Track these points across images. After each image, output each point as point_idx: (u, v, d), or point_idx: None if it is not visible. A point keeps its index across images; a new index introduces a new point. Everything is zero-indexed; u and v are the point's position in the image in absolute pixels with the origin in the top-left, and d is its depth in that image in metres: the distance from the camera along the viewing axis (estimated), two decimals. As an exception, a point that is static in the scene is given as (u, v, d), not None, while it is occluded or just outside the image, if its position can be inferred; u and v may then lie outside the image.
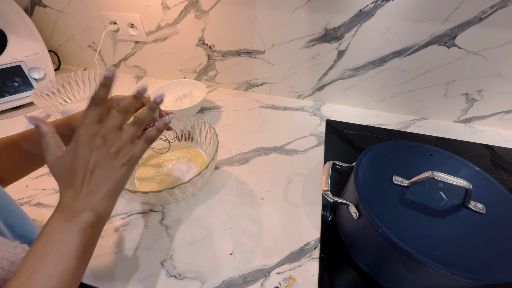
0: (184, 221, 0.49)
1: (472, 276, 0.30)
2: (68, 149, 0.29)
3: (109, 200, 0.29)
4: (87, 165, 0.28)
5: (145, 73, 0.94)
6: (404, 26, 0.61)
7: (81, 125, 0.29)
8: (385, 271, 0.39)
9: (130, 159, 0.30)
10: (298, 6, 0.64)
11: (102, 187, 0.29)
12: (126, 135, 0.30)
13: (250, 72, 0.82)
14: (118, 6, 0.77)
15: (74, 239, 0.26)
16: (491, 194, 0.39)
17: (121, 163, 0.30)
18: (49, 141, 0.29)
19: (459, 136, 0.71)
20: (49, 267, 0.24)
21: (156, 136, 0.33)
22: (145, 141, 0.32)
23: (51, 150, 0.29)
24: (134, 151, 0.31)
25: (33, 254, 0.25)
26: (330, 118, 0.76)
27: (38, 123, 0.29)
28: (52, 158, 0.29)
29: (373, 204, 0.37)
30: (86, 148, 0.28)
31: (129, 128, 0.31)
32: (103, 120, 0.29)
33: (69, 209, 0.27)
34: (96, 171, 0.28)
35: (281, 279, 0.41)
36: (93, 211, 0.28)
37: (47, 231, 0.26)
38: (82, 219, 0.27)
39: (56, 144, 0.29)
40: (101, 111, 0.30)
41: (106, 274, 0.41)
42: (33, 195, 0.53)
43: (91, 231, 0.28)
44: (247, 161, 0.61)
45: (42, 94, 0.69)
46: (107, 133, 0.29)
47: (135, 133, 0.31)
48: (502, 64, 0.62)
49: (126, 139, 0.30)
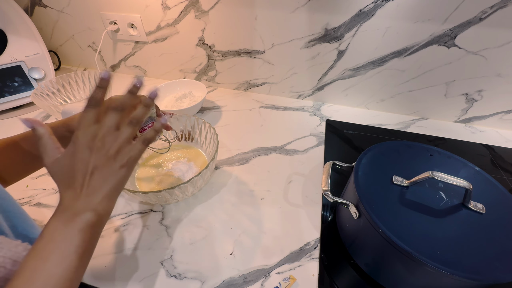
0: (184, 221, 0.49)
1: (472, 276, 0.30)
2: (67, 151, 0.29)
3: (109, 200, 0.29)
4: (86, 167, 0.28)
5: (145, 73, 0.94)
6: (404, 26, 0.61)
7: (79, 127, 0.29)
8: (385, 271, 0.39)
9: (128, 160, 0.30)
10: (298, 6, 0.64)
11: (102, 188, 0.29)
12: (123, 136, 0.30)
13: (250, 72, 0.82)
14: (118, 6, 0.77)
15: (75, 239, 0.26)
16: (491, 194, 0.39)
17: (120, 165, 0.30)
18: (46, 143, 0.29)
19: (459, 136, 0.71)
20: (50, 266, 0.25)
21: (154, 137, 0.33)
22: (143, 143, 0.32)
23: (49, 152, 0.28)
24: (132, 153, 0.30)
25: (34, 254, 0.25)
26: (330, 118, 0.76)
27: (34, 125, 0.29)
28: (50, 160, 0.28)
29: (373, 204, 0.37)
30: (84, 150, 0.28)
31: (126, 128, 0.31)
32: (100, 121, 0.29)
33: (69, 210, 0.27)
34: (96, 173, 0.28)
35: (281, 279, 0.41)
36: (93, 211, 0.28)
37: (48, 231, 0.26)
38: (82, 219, 0.27)
39: (54, 146, 0.29)
40: (98, 112, 0.29)
41: (106, 274, 0.41)
42: (33, 195, 0.53)
43: (92, 231, 0.28)
44: (247, 161, 0.61)
45: (42, 94, 0.69)
46: (104, 134, 0.29)
47: (132, 133, 0.31)
48: (502, 64, 0.62)
49: (123, 140, 0.30)
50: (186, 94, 0.76)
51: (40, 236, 0.26)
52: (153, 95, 0.32)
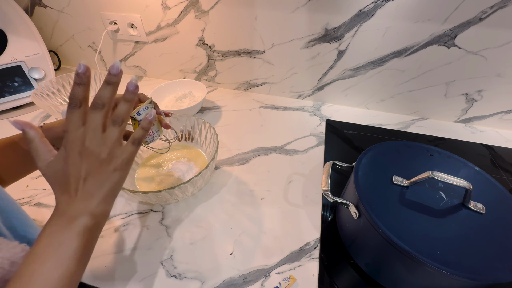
0: (184, 221, 0.49)
1: (472, 276, 0.30)
2: (59, 155, 0.28)
3: (105, 204, 0.29)
4: (79, 173, 0.27)
5: (145, 73, 0.94)
6: (404, 26, 0.61)
7: (66, 130, 0.27)
8: (385, 271, 0.39)
9: (121, 163, 0.29)
10: (298, 6, 0.64)
11: (98, 192, 0.28)
12: (111, 138, 0.29)
13: (250, 72, 0.82)
14: (118, 6, 0.77)
15: (73, 242, 0.26)
16: (491, 194, 0.39)
17: (113, 168, 0.29)
18: (37, 147, 0.27)
19: (459, 136, 0.71)
20: (48, 270, 0.25)
21: (142, 136, 0.32)
22: (133, 143, 0.31)
23: (41, 156, 0.27)
24: (124, 155, 0.30)
25: (32, 257, 0.25)
26: (330, 118, 0.76)
27: (24, 128, 0.27)
28: (43, 164, 0.28)
29: (373, 204, 0.37)
30: (75, 156, 0.27)
31: (111, 129, 0.29)
32: (85, 123, 0.28)
33: (66, 214, 0.27)
34: (89, 178, 0.28)
35: (281, 279, 0.41)
36: (90, 215, 0.28)
37: (46, 235, 0.26)
38: (80, 223, 0.27)
39: (46, 149, 0.28)
40: (83, 113, 0.27)
41: (106, 274, 0.41)
42: (33, 195, 0.53)
43: (89, 235, 0.28)
44: (247, 161, 0.61)
45: (42, 94, 0.69)
46: (91, 138, 0.28)
47: (119, 134, 0.29)
48: (502, 64, 0.62)
49: (112, 142, 0.29)
50: (186, 94, 0.76)
51: (38, 239, 0.26)
52: (132, 86, 0.30)
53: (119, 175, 0.30)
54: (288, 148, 0.65)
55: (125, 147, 0.30)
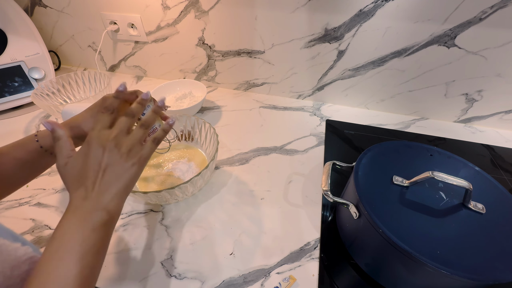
0: (184, 221, 0.49)
1: (472, 276, 0.30)
2: (80, 151, 0.30)
3: (119, 199, 0.30)
4: (100, 165, 0.29)
5: (145, 73, 0.94)
6: (404, 26, 0.61)
7: (94, 128, 0.31)
8: (385, 271, 0.39)
9: (140, 158, 0.32)
10: (298, 6, 0.64)
11: (113, 186, 0.30)
12: (135, 137, 0.32)
13: (250, 72, 0.82)
14: (118, 6, 0.77)
15: (90, 238, 0.27)
16: (491, 194, 0.39)
17: (132, 162, 0.31)
18: (63, 145, 0.31)
19: (459, 136, 0.71)
20: (67, 267, 0.25)
21: (162, 137, 0.36)
22: (153, 142, 0.34)
23: (64, 153, 0.30)
24: (143, 151, 0.33)
25: (49, 255, 0.25)
26: (330, 118, 0.76)
27: (54, 127, 0.31)
28: (64, 161, 0.30)
29: (373, 204, 0.37)
30: (98, 149, 0.30)
31: (137, 130, 0.33)
32: (113, 126, 0.32)
33: (81, 210, 0.28)
34: (108, 170, 0.30)
35: (281, 279, 0.41)
36: (104, 210, 0.29)
37: (62, 232, 0.27)
38: (95, 219, 0.28)
39: (69, 148, 0.31)
40: (113, 118, 0.32)
41: (106, 274, 0.41)
42: (33, 195, 0.53)
43: (105, 230, 0.29)
44: (247, 161, 0.61)
45: (42, 94, 0.69)
46: (117, 135, 0.31)
47: (143, 135, 0.33)
48: (502, 64, 0.62)
49: (135, 140, 0.32)
50: (186, 94, 0.76)
51: (52, 238, 0.26)
52: (161, 103, 0.37)
53: (135, 170, 0.32)
54: (288, 148, 0.65)
55: (145, 145, 0.34)
